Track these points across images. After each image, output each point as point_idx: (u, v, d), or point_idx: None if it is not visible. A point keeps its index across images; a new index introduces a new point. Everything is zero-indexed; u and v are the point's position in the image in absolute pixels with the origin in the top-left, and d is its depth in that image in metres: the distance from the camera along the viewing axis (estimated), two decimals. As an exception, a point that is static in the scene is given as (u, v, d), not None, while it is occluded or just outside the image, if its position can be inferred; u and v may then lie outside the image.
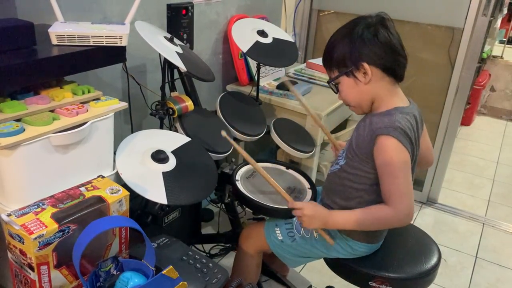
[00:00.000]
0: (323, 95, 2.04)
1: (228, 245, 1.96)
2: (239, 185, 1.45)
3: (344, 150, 1.28)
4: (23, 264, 0.89)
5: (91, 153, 1.08)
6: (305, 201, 1.39)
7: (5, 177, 0.95)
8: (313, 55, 2.78)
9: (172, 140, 1.37)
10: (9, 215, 0.89)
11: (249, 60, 2.09)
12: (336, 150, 1.46)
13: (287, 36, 1.87)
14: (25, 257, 0.88)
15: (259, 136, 1.76)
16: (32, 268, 0.88)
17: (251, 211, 1.47)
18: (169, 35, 1.44)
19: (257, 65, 1.83)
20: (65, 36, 1.07)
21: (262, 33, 1.74)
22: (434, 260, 1.31)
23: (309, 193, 1.47)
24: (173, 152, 1.29)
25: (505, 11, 3.53)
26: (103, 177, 1.07)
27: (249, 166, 1.57)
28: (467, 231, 2.38)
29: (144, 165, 1.20)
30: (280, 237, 1.36)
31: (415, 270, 1.27)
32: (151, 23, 1.48)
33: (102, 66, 1.17)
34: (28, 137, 0.92)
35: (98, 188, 1.01)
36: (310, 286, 1.78)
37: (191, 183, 1.24)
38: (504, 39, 4.31)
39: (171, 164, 1.24)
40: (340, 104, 1.96)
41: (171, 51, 1.33)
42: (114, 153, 1.18)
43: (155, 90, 1.64)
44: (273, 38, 1.77)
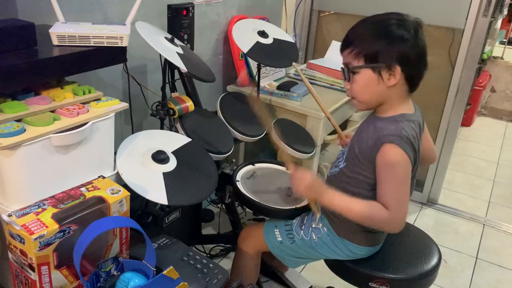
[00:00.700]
0: (324, 96, 2.03)
1: (228, 245, 1.96)
2: (239, 185, 1.45)
3: (344, 152, 1.28)
4: (24, 265, 0.90)
5: (92, 154, 1.08)
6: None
7: (6, 177, 0.95)
8: (314, 56, 2.78)
9: (173, 140, 1.37)
10: (9, 215, 0.89)
11: (250, 60, 2.09)
12: (342, 141, 1.44)
13: (288, 37, 1.87)
14: (25, 258, 0.88)
15: (260, 137, 1.77)
16: (32, 269, 0.88)
17: (252, 212, 1.47)
18: (169, 36, 1.44)
19: (258, 65, 1.83)
20: (66, 36, 1.08)
21: (262, 34, 1.75)
22: (434, 261, 1.31)
23: (309, 193, 1.47)
24: (173, 152, 1.29)
25: (505, 12, 3.53)
26: (103, 177, 1.07)
27: (249, 167, 1.58)
28: (468, 232, 2.38)
29: (144, 165, 1.20)
30: (279, 238, 1.35)
31: (415, 271, 1.27)
32: (151, 23, 1.48)
33: (103, 67, 1.17)
34: (28, 138, 0.92)
35: (99, 189, 1.01)
36: (311, 287, 1.77)
37: (192, 184, 1.24)
38: (505, 40, 4.31)
39: (171, 164, 1.24)
40: (341, 104, 1.96)
41: (171, 52, 1.34)
42: (115, 153, 1.18)
43: (156, 90, 1.64)
44: (274, 38, 1.77)
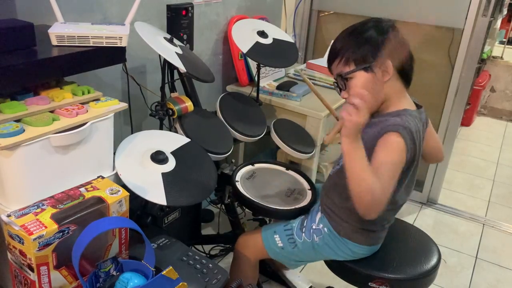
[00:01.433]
0: (323, 95, 2.03)
1: (228, 245, 1.96)
2: (239, 186, 1.45)
3: None
4: (23, 265, 0.89)
5: (91, 154, 1.08)
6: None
7: (5, 177, 0.95)
8: (313, 56, 2.78)
9: (172, 141, 1.37)
10: (9, 215, 0.89)
11: (249, 60, 2.09)
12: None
13: (287, 37, 1.87)
14: (24, 258, 0.88)
15: (259, 137, 1.76)
16: (32, 269, 0.88)
17: (251, 212, 1.47)
18: (169, 36, 1.44)
19: (257, 65, 1.83)
20: (65, 36, 1.07)
21: (262, 34, 1.75)
22: (434, 261, 1.31)
23: (309, 194, 1.47)
24: (172, 153, 1.29)
25: (505, 12, 3.53)
26: (103, 177, 1.07)
27: (249, 167, 1.58)
28: (467, 231, 2.38)
29: (143, 166, 1.20)
30: (280, 244, 1.34)
31: (415, 271, 1.27)
32: (151, 23, 1.48)
33: (102, 67, 1.16)
34: (28, 138, 0.92)
35: (98, 189, 1.01)
36: (311, 287, 1.77)
37: (191, 184, 1.24)
38: (504, 40, 4.31)
39: (170, 165, 1.24)
40: (340, 104, 1.96)
41: (170, 52, 1.33)
42: (114, 153, 1.18)
43: (155, 90, 1.64)
44: (273, 38, 1.77)
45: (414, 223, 2.38)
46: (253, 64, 2.09)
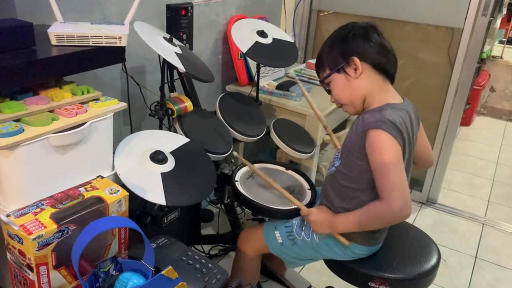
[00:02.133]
0: (323, 95, 2.01)
1: (227, 245, 1.96)
2: (238, 186, 1.45)
3: (339, 151, 1.28)
4: (22, 265, 0.89)
5: (90, 154, 1.08)
6: (315, 206, 1.38)
7: (4, 177, 0.95)
8: (313, 56, 2.78)
9: (171, 140, 1.37)
10: (8, 215, 0.88)
11: (249, 60, 2.09)
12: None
13: (287, 37, 1.87)
14: (24, 258, 0.88)
15: (259, 137, 1.76)
16: (31, 269, 0.88)
17: (251, 212, 1.47)
18: (168, 36, 1.44)
19: (257, 65, 1.83)
20: (64, 36, 1.07)
21: (261, 34, 1.74)
22: (433, 261, 1.31)
23: (308, 193, 1.47)
24: (172, 152, 1.29)
25: (504, 11, 3.54)
26: (102, 177, 1.07)
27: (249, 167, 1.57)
28: (467, 231, 2.38)
29: (142, 165, 1.20)
30: (280, 240, 1.35)
31: (415, 270, 1.27)
32: (150, 23, 1.48)
33: (101, 67, 1.16)
34: (27, 138, 0.92)
35: (97, 189, 1.01)
36: (310, 286, 1.77)
37: (190, 184, 1.24)
38: (504, 39, 4.32)
39: (170, 165, 1.24)
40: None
41: (170, 52, 1.33)
42: (114, 153, 1.18)
43: (155, 90, 1.64)
44: (273, 38, 1.77)
45: (413, 222, 2.38)
46: (252, 64, 2.09)
